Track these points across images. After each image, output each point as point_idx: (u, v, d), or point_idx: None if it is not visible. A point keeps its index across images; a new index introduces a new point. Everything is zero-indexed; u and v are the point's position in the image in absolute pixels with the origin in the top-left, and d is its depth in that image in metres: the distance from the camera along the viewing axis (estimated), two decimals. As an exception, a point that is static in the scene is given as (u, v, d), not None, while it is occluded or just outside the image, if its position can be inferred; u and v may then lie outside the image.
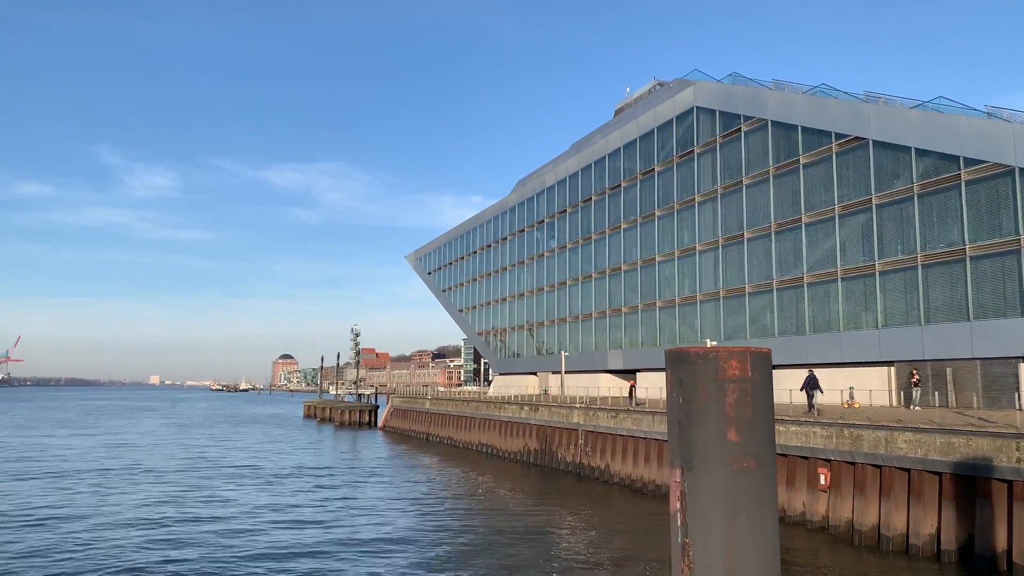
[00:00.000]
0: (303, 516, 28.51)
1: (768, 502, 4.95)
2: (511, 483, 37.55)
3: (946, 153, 33.20)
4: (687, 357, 5.06)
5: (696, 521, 4.91)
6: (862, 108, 37.49)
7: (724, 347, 5.02)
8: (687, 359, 5.06)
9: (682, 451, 5.03)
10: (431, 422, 65.99)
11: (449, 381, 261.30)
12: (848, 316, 38.06)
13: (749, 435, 4.92)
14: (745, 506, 4.86)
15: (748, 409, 4.94)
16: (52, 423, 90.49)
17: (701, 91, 48.93)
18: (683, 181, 50.54)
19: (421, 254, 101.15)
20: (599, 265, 60.29)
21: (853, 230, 38.06)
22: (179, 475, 40.64)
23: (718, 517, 4.85)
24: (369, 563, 21.22)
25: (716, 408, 4.92)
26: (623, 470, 36.21)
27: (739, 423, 4.91)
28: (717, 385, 4.94)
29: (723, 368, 4.95)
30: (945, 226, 33.55)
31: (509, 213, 77.28)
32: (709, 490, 4.89)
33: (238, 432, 78.39)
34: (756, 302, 43.99)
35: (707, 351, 5.02)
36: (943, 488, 21.41)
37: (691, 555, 4.91)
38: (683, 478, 5.00)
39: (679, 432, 5.05)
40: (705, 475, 4.91)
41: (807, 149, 40.56)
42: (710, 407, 4.94)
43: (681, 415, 5.04)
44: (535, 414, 46.16)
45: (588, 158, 62.44)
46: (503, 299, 78.32)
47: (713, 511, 4.86)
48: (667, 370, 5.24)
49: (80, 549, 22.42)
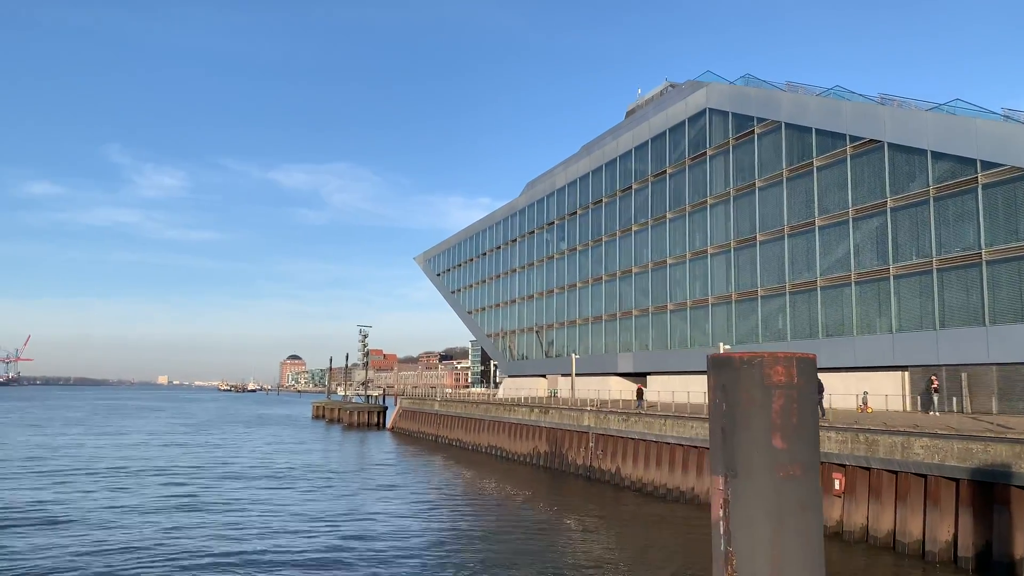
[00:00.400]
0: (313, 516, 28.49)
1: (814, 510, 4.87)
2: (521, 486, 37.46)
3: (963, 156, 32.98)
4: (731, 363, 4.98)
5: (740, 529, 4.84)
6: (877, 110, 37.28)
7: (769, 352, 4.95)
8: (731, 364, 4.98)
9: (725, 458, 4.96)
10: (440, 424, 65.95)
11: (456, 383, 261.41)
12: (862, 320, 37.83)
13: (795, 442, 4.84)
14: (791, 514, 4.79)
15: (794, 416, 4.87)
16: (63, 422, 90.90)
17: (714, 93, 48.77)
18: (695, 183, 50.38)
19: (430, 255, 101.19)
20: (609, 267, 60.15)
21: (867, 233, 37.84)
22: (192, 476, 40.72)
23: (763, 525, 4.78)
24: (378, 564, 21.17)
25: (761, 414, 4.84)
26: (634, 473, 36.07)
27: (785, 430, 4.84)
28: (762, 391, 4.87)
29: (768, 374, 4.88)
30: (961, 230, 33.32)
31: (519, 215, 77.24)
32: (754, 497, 4.81)
33: (248, 433, 78.57)
34: (768, 305, 43.79)
35: (751, 356, 4.95)
36: (960, 494, 21.22)
37: (735, 563, 4.84)
38: (726, 485, 4.93)
39: (722, 438, 4.97)
40: (750, 482, 4.84)
41: (821, 151, 40.37)
42: (755, 413, 4.86)
43: (725, 421, 4.96)
44: (545, 417, 46.07)
45: (599, 160, 62.33)
46: (512, 301, 78.27)
47: (758, 519, 4.79)
48: (709, 375, 5.16)
49: (89, 549, 22.46)
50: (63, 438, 65.19)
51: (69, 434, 70.08)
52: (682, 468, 32.69)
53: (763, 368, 4.92)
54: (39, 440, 62.00)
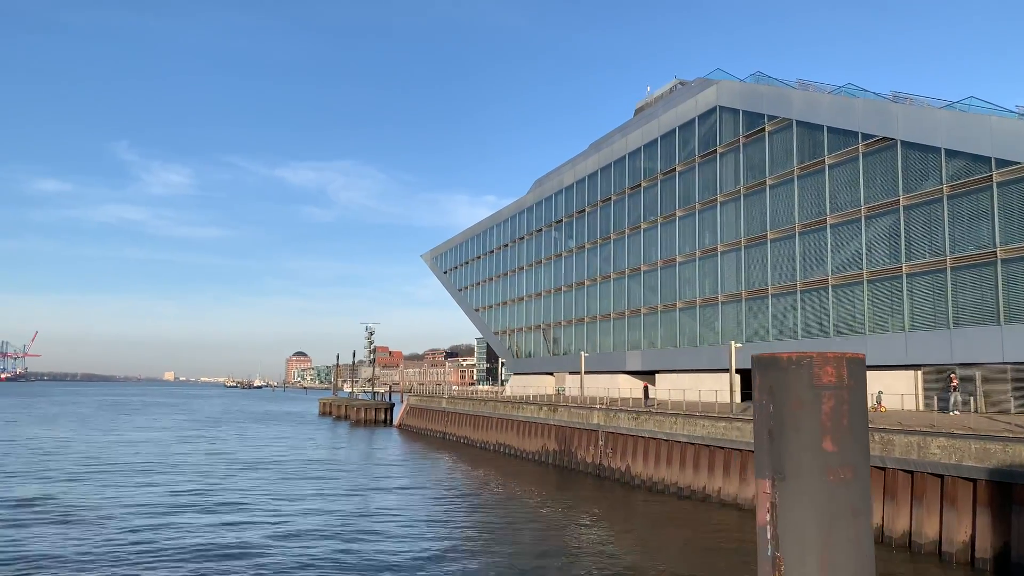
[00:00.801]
0: (323, 513, 28.45)
1: (864, 514, 4.74)
2: (531, 484, 37.37)
3: (977, 154, 32.70)
4: (778, 363, 4.86)
5: (789, 534, 4.71)
6: (890, 108, 37.01)
7: (818, 352, 4.82)
8: (778, 365, 4.85)
9: (773, 461, 4.83)
10: (448, 421, 65.90)
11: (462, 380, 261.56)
12: (874, 319, 37.60)
13: (846, 445, 4.71)
14: (842, 518, 4.66)
15: (844, 418, 4.74)
16: (73, 418, 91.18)
17: (724, 90, 48.52)
18: (705, 181, 50.16)
19: (437, 253, 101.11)
20: (618, 265, 59.96)
21: (880, 231, 37.58)
22: (202, 473, 40.76)
23: (813, 530, 4.65)
24: (386, 562, 21.10)
25: (811, 416, 4.72)
26: (644, 472, 35.93)
27: (835, 432, 4.71)
28: (812, 393, 4.74)
29: (817, 374, 4.75)
30: (976, 228, 33.05)
31: (527, 212, 77.08)
32: (803, 501, 4.68)
33: (256, 429, 78.68)
34: (779, 304, 43.57)
35: (800, 356, 4.82)
36: (977, 495, 21.03)
37: (783, 569, 4.71)
38: (774, 489, 4.80)
39: (769, 441, 4.85)
40: (799, 486, 4.71)
41: (833, 149, 40.11)
42: (804, 415, 4.73)
43: (772, 423, 4.84)
44: (554, 414, 45.95)
45: (607, 157, 62.12)
46: (520, 299, 78.14)
47: (808, 523, 4.66)
48: (754, 376, 5.03)
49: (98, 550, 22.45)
50: (74, 434, 65.35)
51: (79, 430, 70.27)
52: (693, 467, 32.54)
53: (812, 369, 4.79)
54: (50, 435, 62.16)
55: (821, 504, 4.65)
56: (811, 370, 4.76)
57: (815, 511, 4.66)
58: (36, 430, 69.48)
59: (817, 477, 4.68)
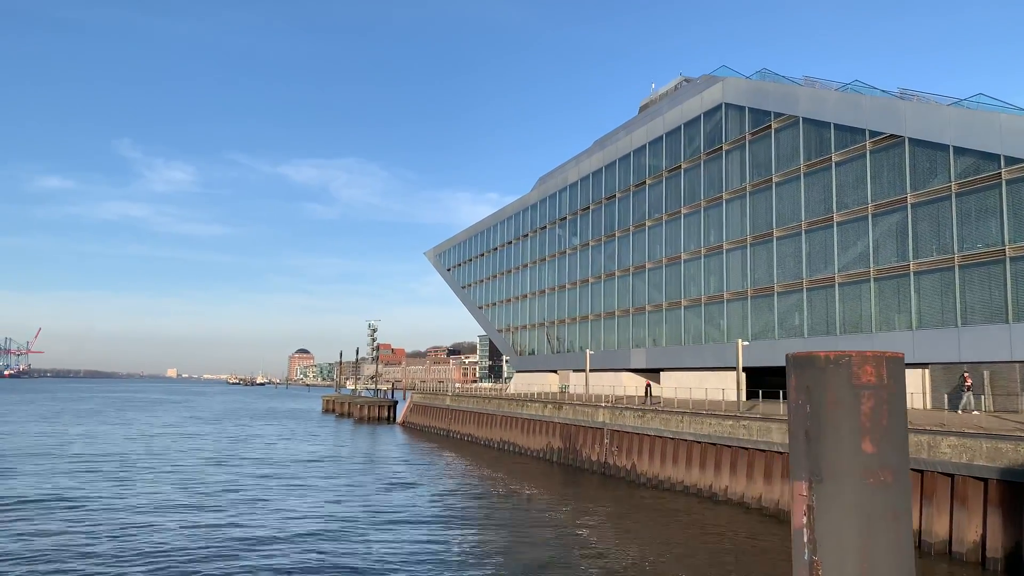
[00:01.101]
0: (329, 511, 28.37)
1: (905, 518, 4.61)
2: (536, 481, 37.27)
3: (986, 151, 32.50)
4: (815, 362, 4.72)
5: (827, 538, 4.58)
6: (897, 105, 36.81)
7: (856, 352, 4.68)
8: (815, 364, 4.71)
9: (809, 463, 4.69)
10: (452, 419, 65.83)
11: (464, 377, 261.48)
12: (881, 317, 37.43)
13: (886, 446, 4.58)
14: (882, 522, 4.53)
15: (884, 418, 4.60)
16: (76, 414, 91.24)
17: (730, 87, 48.32)
18: (710, 178, 49.98)
19: (440, 250, 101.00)
20: (622, 263, 59.81)
21: (887, 229, 37.40)
22: (209, 471, 40.71)
23: (852, 534, 4.52)
24: (393, 560, 21.00)
25: (849, 417, 4.58)
26: (650, 470, 35.82)
27: (875, 433, 4.57)
28: (850, 392, 4.60)
29: (856, 374, 4.61)
30: (984, 225, 32.87)
31: (531, 210, 76.93)
32: (842, 505, 4.55)
33: (261, 427, 78.68)
34: (785, 301, 43.41)
35: (838, 355, 4.68)
36: (988, 494, 20.89)
37: (821, 574, 4.58)
38: (811, 491, 4.67)
39: (806, 442, 4.71)
40: (837, 488, 4.58)
41: (840, 147, 39.92)
42: (842, 416, 4.60)
43: (809, 424, 4.70)
44: (559, 412, 45.84)
45: (612, 155, 61.94)
46: (524, 296, 78.02)
47: (847, 527, 4.53)
48: (789, 375, 4.90)
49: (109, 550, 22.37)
50: (80, 430, 65.35)
51: (85, 426, 70.29)
52: (700, 465, 32.42)
53: (851, 368, 4.65)
54: (55, 430, 62.19)
55: (860, 507, 4.51)
56: (850, 369, 4.62)
57: (854, 514, 4.52)
58: (41, 427, 69.51)
59: (856, 479, 4.55)
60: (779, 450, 27.94)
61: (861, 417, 4.59)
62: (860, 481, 4.54)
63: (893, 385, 4.67)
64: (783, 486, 27.63)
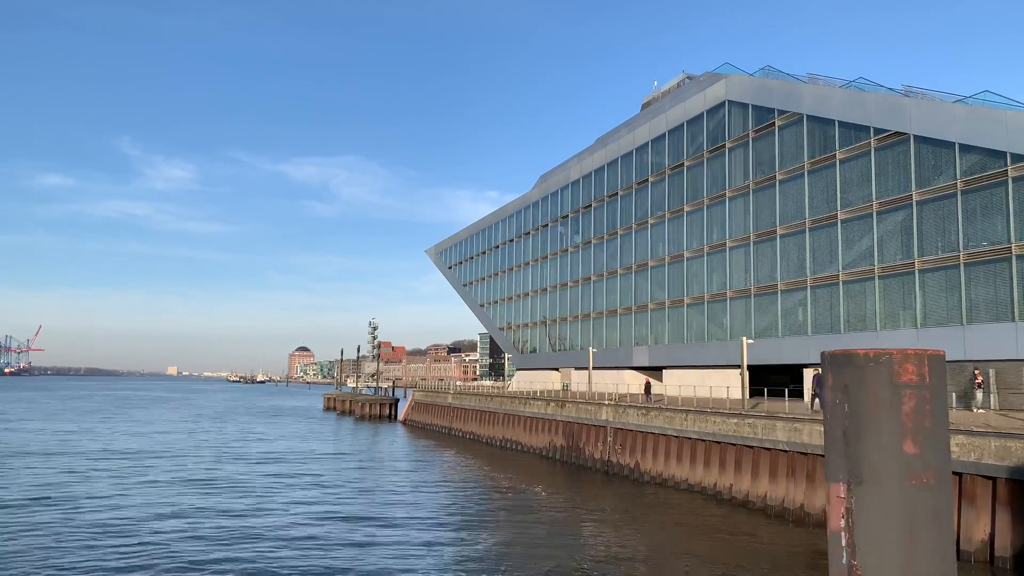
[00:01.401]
0: (332, 510, 28.25)
1: (947, 522, 4.48)
2: (539, 480, 37.14)
3: (992, 149, 32.34)
4: (854, 360, 4.59)
5: (866, 542, 4.45)
6: (903, 102, 36.63)
7: (897, 349, 4.55)
8: (854, 362, 4.59)
9: (848, 464, 4.56)
10: (454, 416, 65.70)
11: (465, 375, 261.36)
12: (885, 315, 37.28)
13: (928, 447, 4.45)
14: (924, 525, 4.40)
15: (927, 418, 4.47)
16: (79, 412, 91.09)
17: (734, 84, 48.13)
18: (713, 176, 49.81)
19: (442, 248, 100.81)
20: (625, 261, 59.65)
21: (892, 227, 37.25)
22: (210, 468, 40.59)
23: (894, 538, 4.39)
24: (398, 558, 20.88)
25: (890, 417, 4.45)
26: (654, 468, 35.70)
27: (917, 434, 4.45)
28: (891, 391, 4.48)
29: (897, 372, 4.49)
30: (990, 223, 32.71)
31: (532, 207, 76.74)
32: (882, 507, 4.42)
33: (262, 424, 78.56)
34: (789, 299, 43.26)
35: (878, 353, 4.55)
36: (997, 493, 20.76)
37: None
38: (849, 493, 4.54)
39: (844, 443, 4.58)
40: (877, 490, 4.45)
41: (844, 144, 39.75)
42: (883, 416, 4.47)
43: (847, 424, 4.57)
44: (562, 410, 45.71)
45: (614, 152, 61.76)
46: (525, 294, 77.85)
47: (888, 531, 4.40)
48: (826, 373, 4.77)
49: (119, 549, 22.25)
50: (81, 428, 65.22)
51: (86, 423, 70.15)
52: (704, 464, 32.29)
53: (891, 366, 4.52)
54: (56, 429, 62.06)
55: (902, 510, 4.38)
56: (890, 367, 4.50)
57: (896, 518, 4.39)
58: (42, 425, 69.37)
59: (897, 481, 4.42)
60: (784, 448, 27.81)
61: (902, 417, 4.46)
62: (902, 483, 4.41)
63: (935, 384, 4.54)
64: (788, 485, 27.50)
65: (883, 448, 4.45)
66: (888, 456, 4.44)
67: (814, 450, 26.42)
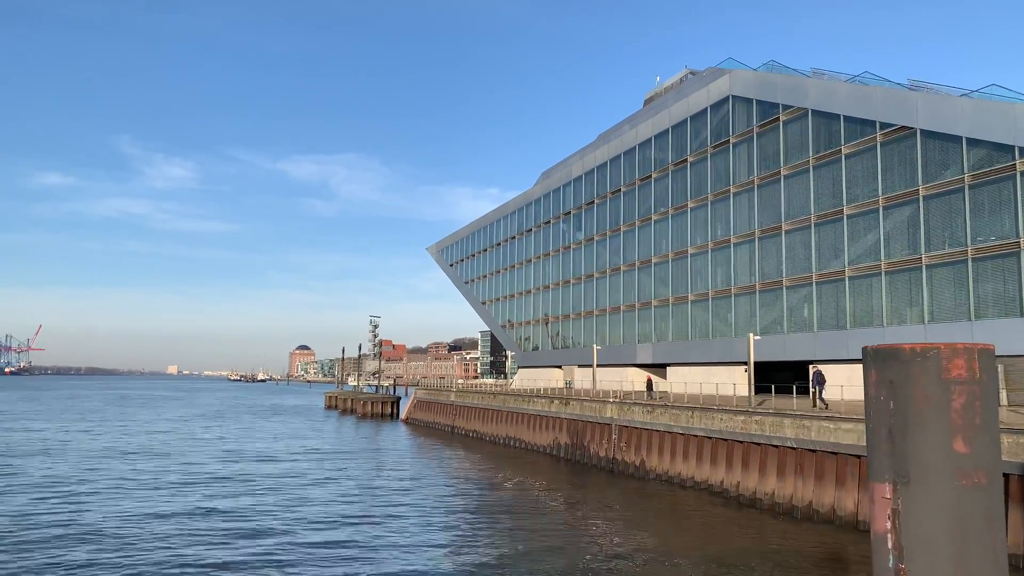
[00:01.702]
0: (337, 510, 28.09)
1: (999, 523, 4.27)
2: (544, 477, 36.98)
3: (1000, 143, 32.12)
4: (900, 355, 4.37)
5: (915, 545, 4.24)
6: (909, 96, 36.40)
7: (945, 343, 4.34)
8: (900, 357, 4.37)
9: (894, 463, 4.35)
10: (456, 414, 65.55)
11: (466, 373, 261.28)
12: (892, 310, 37.09)
13: (979, 446, 4.24)
14: (976, 528, 4.19)
15: (977, 416, 4.26)
16: (79, 411, 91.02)
17: (738, 79, 47.90)
18: (717, 172, 49.59)
19: (443, 245, 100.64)
20: (628, 257, 59.46)
21: (898, 222, 37.04)
22: (212, 467, 40.43)
23: (944, 541, 4.18)
24: (403, 557, 20.72)
25: (939, 414, 4.24)
26: (660, 466, 35.53)
27: (967, 432, 4.23)
28: (940, 388, 4.26)
29: (946, 368, 4.27)
30: (998, 218, 32.50)
31: (534, 204, 76.54)
32: (932, 509, 4.21)
33: (264, 423, 78.44)
34: (794, 295, 43.07)
35: (925, 348, 4.34)
36: (1010, 490, 20.59)
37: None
38: (896, 494, 4.33)
39: (890, 441, 4.37)
40: (926, 491, 4.24)
41: (849, 139, 39.53)
42: (931, 413, 4.26)
43: (893, 421, 4.36)
44: (566, 408, 45.55)
45: (617, 148, 61.54)
46: (527, 291, 77.68)
47: (938, 534, 4.19)
48: (869, 369, 4.56)
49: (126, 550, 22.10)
50: (83, 427, 65.11)
51: (88, 422, 70.04)
52: (711, 461, 32.12)
53: (940, 361, 4.30)
54: (58, 427, 61.95)
55: (952, 511, 4.17)
56: (938, 362, 4.28)
57: (946, 519, 4.18)
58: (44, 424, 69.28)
59: (947, 481, 4.21)
60: (792, 446, 27.63)
61: (952, 414, 4.25)
62: (952, 483, 4.20)
63: (985, 379, 4.33)
64: (796, 482, 27.33)
65: (932, 447, 4.24)
66: (937, 455, 4.23)
67: (823, 447, 26.25)
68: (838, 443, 25.75)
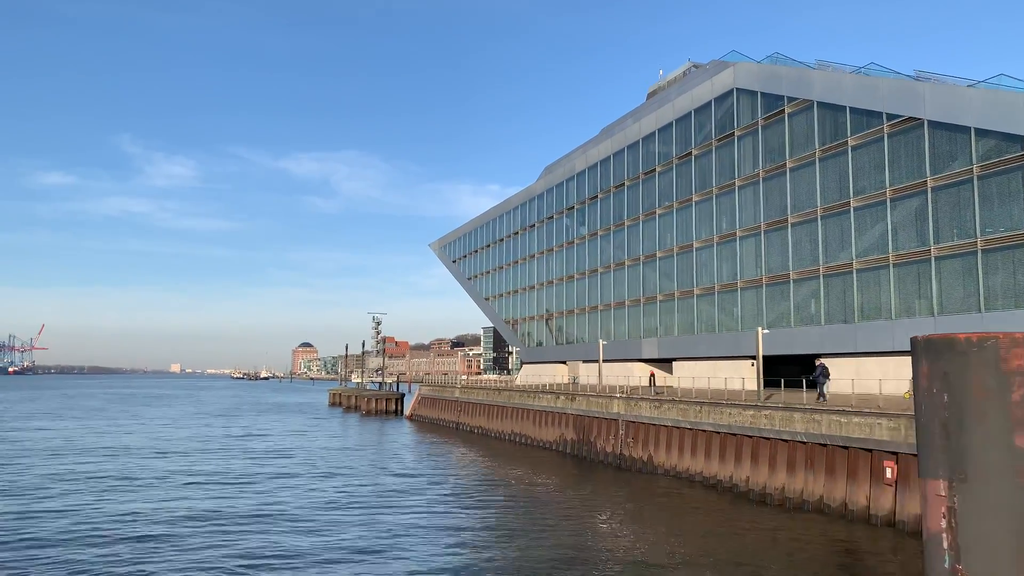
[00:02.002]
0: (341, 507, 27.94)
1: (1062, 522, 4.07)
2: (551, 474, 36.79)
3: (1009, 133, 31.80)
4: (955, 345, 4.17)
5: (973, 544, 4.04)
6: (916, 87, 36.07)
7: (1004, 333, 4.14)
8: (955, 347, 4.17)
9: (949, 459, 4.16)
10: (461, 411, 65.38)
11: (469, 370, 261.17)
12: (901, 303, 36.82)
13: (1041, 440, 4.04)
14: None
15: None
16: (83, 410, 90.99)
17: (742, 72, 47.56)
18: (722, 165, 49.28)
19: (446, 242, 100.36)
20: (632, 252, 59.18)
21: (906, 214, 36.74)
22: (216, 464, 40.31)
23: (1005, 540, 3.98)
24: (406, 556, 20.55)
25: (998, 407, 4.04)
26: (667, 461, 35.33)
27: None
28: (998, 379, 4.07)
29: (1005, 358, 4.07)
30: (1007, 209, 32.19)
31: (537, 200, 76.24)
32: (991, 507, 4.01)
33: (268, 420, 78.34)
34: (801, 289, 42.80)
35: (982, 338, 4.14)
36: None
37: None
38: (951, 491, 4.14)
39: (945, 436, 4.17)
40: (984, 489, 4.04)
41: (856, 131, 39.21)
42: (990, 406, 4.06)
43: (947, 416, 4.16)
44: (572, 404, 45.34)
45: (620, 142, 61.22)
46: (531, 287, 77.42)
47: (998, 533, 3.99)
48: (920, 360, 4.36)
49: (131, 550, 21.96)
50: (87, 426, 65.04)
51: (93, 421, 69.98)
52: (719, 456, 31.90)
53: (998, 351, 4.11)
54: (60, 427, 61.86)
55: (1014, 510, 3.99)
56: (996, 353, 4.08)
57: (1007, 518, 3.99)
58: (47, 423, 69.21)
59: (1008, 478, 4.01)
60: (803, 440, 27.41)
61: (1011, 407, 4.06)
62: (1013, 480, 4.01)
63: (1046, 370, 4.13)
64: (807, 477, 27.12)
65: (991, 442, 4.04)
66: (997, 450, 4.03)
67: (833, 442, 26.04)
68: (849, 437, 25.54)
